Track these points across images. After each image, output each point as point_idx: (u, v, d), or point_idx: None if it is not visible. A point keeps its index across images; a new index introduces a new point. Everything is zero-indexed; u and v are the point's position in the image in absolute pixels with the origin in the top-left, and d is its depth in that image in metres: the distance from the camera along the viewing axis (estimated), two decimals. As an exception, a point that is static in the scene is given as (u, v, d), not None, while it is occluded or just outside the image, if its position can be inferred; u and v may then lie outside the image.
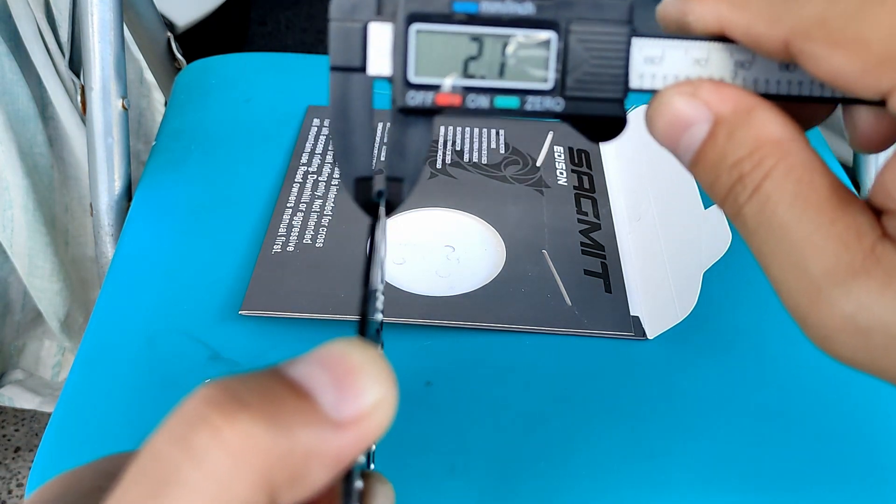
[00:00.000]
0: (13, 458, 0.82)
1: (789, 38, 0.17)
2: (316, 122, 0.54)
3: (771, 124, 0.18)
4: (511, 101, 0.20)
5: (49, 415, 0.78)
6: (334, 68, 0.20)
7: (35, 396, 0.79)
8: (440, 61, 0.20)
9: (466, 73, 0.20)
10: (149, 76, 0.75)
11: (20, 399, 0.79)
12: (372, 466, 0.20)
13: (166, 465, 0.13)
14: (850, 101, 0.20)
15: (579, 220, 0.47)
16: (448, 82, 0.20)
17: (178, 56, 0.62)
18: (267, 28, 1.38)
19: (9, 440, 0.83)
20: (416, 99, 0.20)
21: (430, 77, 0.20)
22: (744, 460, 0.36)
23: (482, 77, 0.20)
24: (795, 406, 0.38)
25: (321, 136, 0.53)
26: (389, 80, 0.20)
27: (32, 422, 0.85)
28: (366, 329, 0.17)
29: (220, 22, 1.04)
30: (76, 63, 0.64)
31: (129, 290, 0.43)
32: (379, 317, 0.19)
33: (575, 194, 0.49)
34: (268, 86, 0.57)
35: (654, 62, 0.20)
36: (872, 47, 0.16)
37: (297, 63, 0.60)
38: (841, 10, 0.16)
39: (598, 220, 0.47)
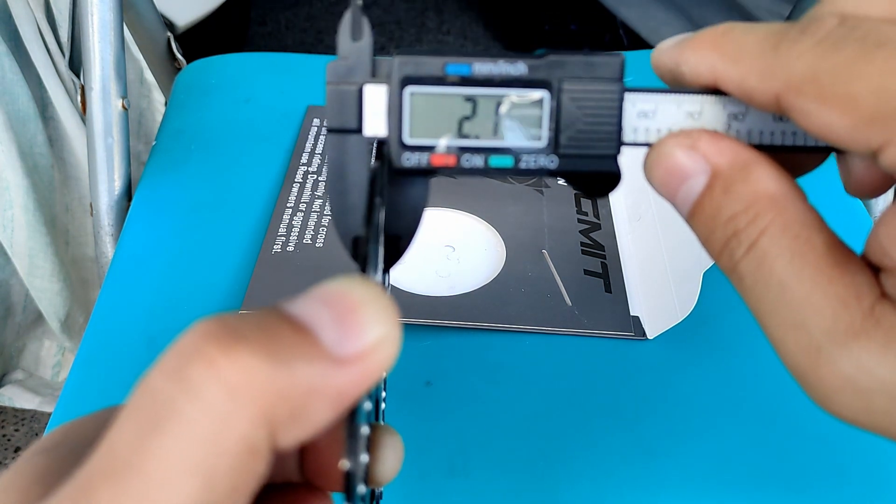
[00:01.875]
0: (13, 458, 0.82)
1: (781, 93, 0.17)
2: (316, 122, 0.54)
3: (767, 179, 0.18)
4: (505, 161, 0.20)
5: (49, 415, 0.78)
6: (331, 130, 0.20)
7: (35, 396, 0.79)
8: (435, 122, 0.20)
9: (461, 134, 0.20)
10: (149, 76, 0.75)
11: (20, 399, 0.79)
12: (383, 405, 0.20)
13: (162, 400, 0.13)
14: (842, 151, 0.20)
15: (579, 220, 0.47)
16: (443, 143, 0.20)
17: (178, 56, 0.62)
18: (267, 28, 1.38)
19: (9, 440, 0.83)
20: (411, 160, 0.20)
21: (425, 138, 0.20)
22: (743, 460, 0.36)
23: (476, 137, 0.20)
24: (795, 406, 0.38)
25: (321, 137, 0.53)
26: (385, 141, 0.20)
27: (32, 422, 0.85)
28: (368, 267, 0.17)
29: (220, 22, 1.04)
30: (76, 63, 0.64)
31: (129, 290, 0.43)
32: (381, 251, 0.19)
33: (575, 194, 0.49)
34: (268, 86, 0.57)
35: (647, 116, 0.20)
36: (861, 104, 0.16)
37: (297, 63, 0.60)
38: (831, 66, 0.16)
39: (598, 220, 0.47)
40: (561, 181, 0.50)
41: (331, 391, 0.13)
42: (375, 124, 0.20)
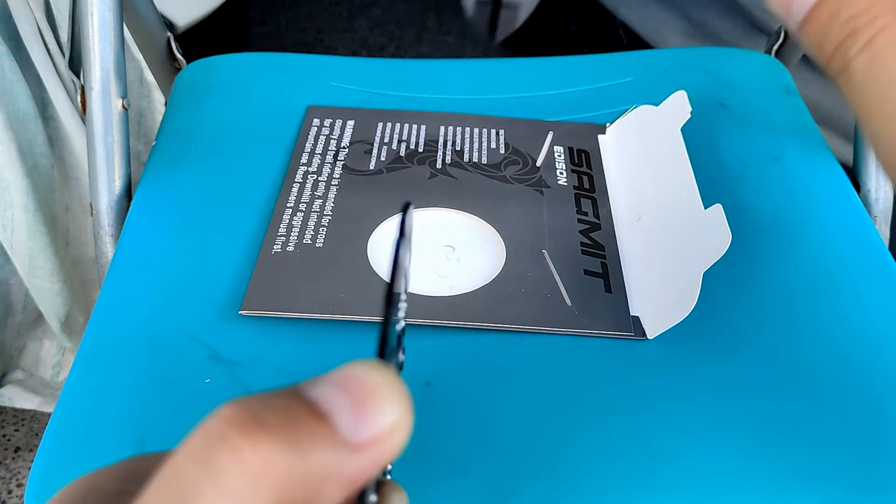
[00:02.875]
0: (13, 458, 0.82)
1: None
2: (316, 122, 0.54)
3: None
4: None
5: (49, 415, 0.78)
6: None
7: (35, 396, 0.80)
8: None
9: None
10: (149, 76, 0.75)
11: (20, 399, 0.79)
12: (388, 476, 0.20)
13: (187, 481, 0.13)
14: None
15: (579, 220, 0.47)
16: None
17: (178, 56, 0.62)
18: (267, 28, 1.38)
19: (9, 440, 0.83)
20: None
21: None
22: (744, 460, 0.36)
23: None
24: (795, 406, 0.38)
25: (321, 136, 0.53)
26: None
27: (32, 422, 0.85)
28: (385, 349, 0.17)
29: (220, 22, 1.04)
30: (76, 63, 0.64)
31: (129, 291, 0.43)
32: (402, 324, 0.19)
33: (575, 194, 0.49)
34: (268, 86, 0.57)
35: None
36: None
37: (297, 63, 0.60)
38: None
39: (598, 220, 0.47)
40: (562, 181, 0.50)
41: (344, 476, 0.14)
42: None
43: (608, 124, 0.54)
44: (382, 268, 0.44)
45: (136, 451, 0.35)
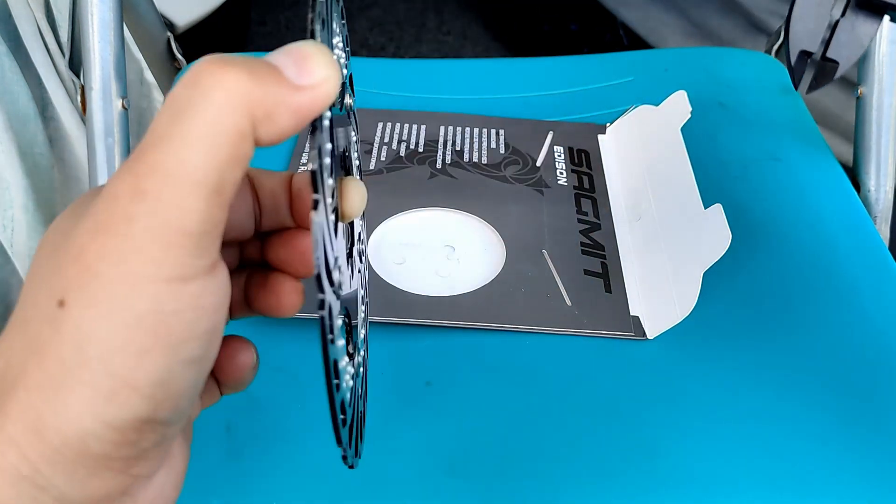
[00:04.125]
0: (13, 458, 0.82)
1: None
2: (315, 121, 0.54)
3: None
4: None
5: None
6: None
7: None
8: None
9: None
10: (149, 76, 0.75)
11: None
12: (361, 353, 0.23)
13: (183, 99, 0.19)
14: None
15: (579, 220, 0.47)
16: None
17: (178, 56, 0.62)
18: (267, 28, 1.38)
19: (9, 440, 0.83)
20: None
21: None
22: (743, 460, 0.36)
23: None
24: (795, 406, 0.38)
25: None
26: None
27: (33, 422, 0.85)
28: (315, 31, 0.21)
29: (220, 22, 1.04)
30: (76, 63, 0.64)
31: (129, 290, 0.43)
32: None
33: (575, 194, 0.49)
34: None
35: None
36: None
37: (297, 63, 0.60)
38: None
39: (598, 220, 0.47)
40: (562, 181, 0.50)
41: (291, 105, 0.20)
42: None
43: (608, 124, 0.54)
44: (383, 269, 0.44)
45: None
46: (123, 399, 0.18)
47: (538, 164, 0.51)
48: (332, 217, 0.22)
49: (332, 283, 0.21)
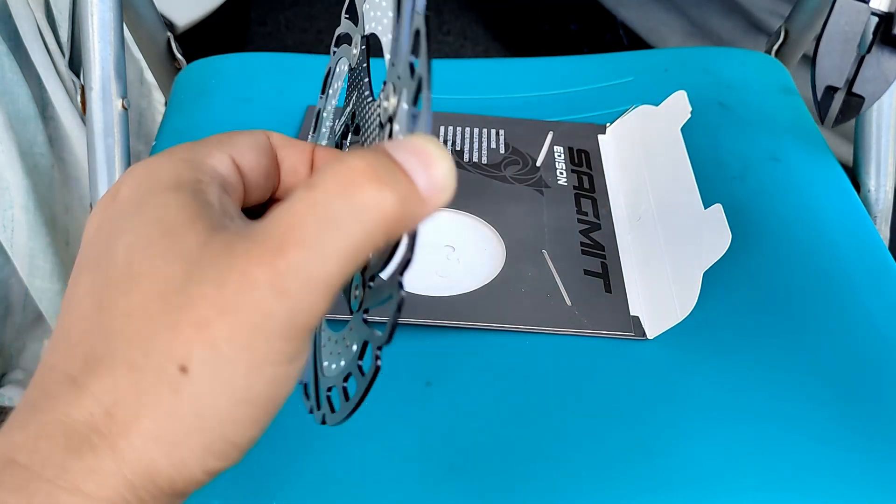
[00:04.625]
0: (13, 458, 0.82)
1: None
2: None
3: None
4: None
5: (49, 415, 0.78)
6: None
7: (35, 396, 0.79)
8: None
9: None
10: (149, 76, 0.75)
11: (20, 399, 0.79)
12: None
13: (335, 210, 0.20)
14: None
15: (579, 220, 0.47)
16: None
17: (178, 56, 0.62)
18: (267, 28, 1.38)
19: (9, 440, 0.83)
20: None
21: None
22: (743, 460, 0.36)
23: None
24: (794, 406, 0.38)
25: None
26: (885, 15, 0.22)
27: (33, 422, 0.85)
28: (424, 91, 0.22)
29: (220, 22, 1.04)
30: (76, 63, 0.64)
31: (129, 290, 0.43)
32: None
33: (575, 194, 0.49)
34: (268, 86, 0.57)
35: None
36: None
37: (297, 63, 0.60)
38: None
39: (598, 220, 0.47)
40: (562, 181, 0.50)
41: (417, 218, 0.22)
42: (881, 0, 0.22)
43: (608, 124, 0.54)
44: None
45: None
46: (229, 456, 0.21)
47: (538, 164, 0.51)
48: None
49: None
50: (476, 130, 0.54)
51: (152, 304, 0.21)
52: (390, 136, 0.24)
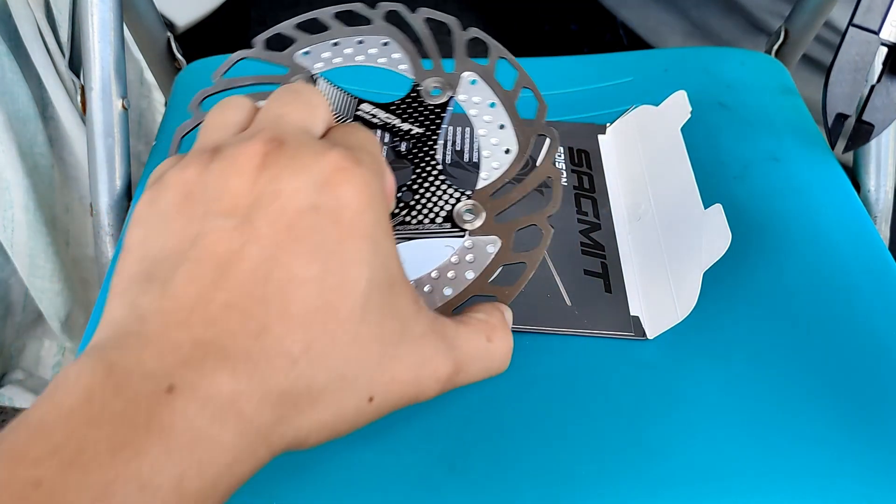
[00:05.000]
0: (13, 458, 0.82)
1: None
2: None
3: None
4: None
5: (49, 415, 0.78)
6: (854, 25, 0.23)
7: (35, 396, 0.79)
8: None
9: None
10: (149, 76, 0.75)
11: (20, 399, 0.79)
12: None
13: (482, 350, 0.31)
14: None
15: (579, 221, 0.47)
16: None
17: (178, 56, 0.62)
18: (267, 28, 1.37)
19: (9, 440, 0.83)
20: None
21: None
22: (743, 461, 0.36)
23: None
24: (795, 406, 0.38)
25: None
26: (895, 46, 0.22)
27: (33, 422, 0.85)
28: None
29: (220, 22, 1.04)
30: (76, 63, 0.64)
31: (129, 290, 0.43)
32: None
33: (575, 194, 0.49)
34: (268, 86, 0.57)
35: None
36: None
37: (297, 63, 0.60)
38: None
39: (598, 220, 0.47)
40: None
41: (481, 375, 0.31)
42: (892, 31, 0.23)
43: (608, 124, 0.54)
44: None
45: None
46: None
47: (538, 164, 0.51)
48: None
49: None
50: (476, 130, 0.54)
51: (374, 344, 0.26)
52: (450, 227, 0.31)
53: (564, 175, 0.51)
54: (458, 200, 0.29)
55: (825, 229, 0.47)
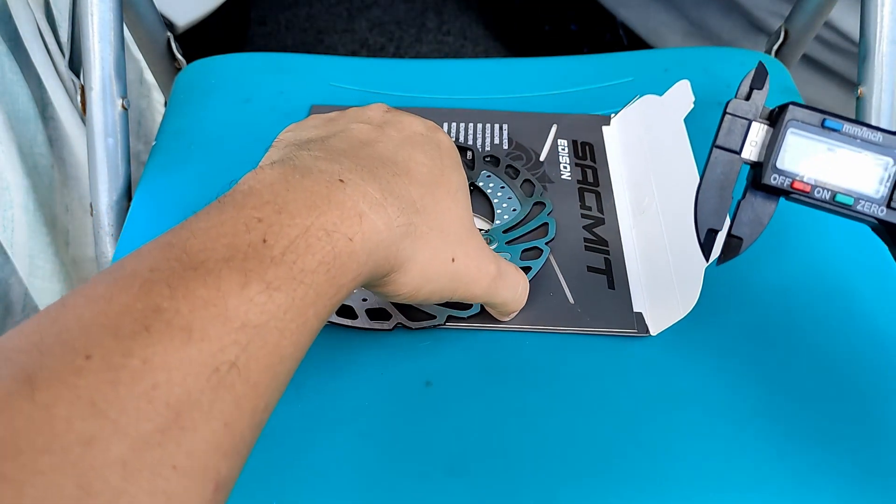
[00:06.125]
0: (13, 459, 0.82)
1: None
2: None
3: None
4: (847, 199, 0.27)
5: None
6: (718, 147, 0.27)
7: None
8: (801, 159, 0.26)
9: (818, 172, 0.26)
10: (149, 76, 0.75)
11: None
12: None
13: (516, 281, 0.40)
14: None
15: (583, 216, 0.47)
16: (804, 175, 0.26)
17: (178, 56, 0.62)
18: (267, 28, 1.38)
19: (9, 440, 0.83)
20: (777, 180, 0.27)
21: (791, 168, 0.27)
22: (746, 458, 0.36)
23: (828, 178, 0.26)
24: (797, 403, 0.38)
25: None
26: (755, 164, 0.27)
27: (33, 422, 0.85)
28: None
29: (220, 22, 1.04)
30: (76, 63, 0.64)
31: (129, 290, 0.43)
32: None
33: (579, 188, 0.49)
34: (268, 86, 0.57)
35: None
36: None
37: (297, 63, 0.60)
38: None
39: (602, 214, 0.47)
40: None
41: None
42: (751, 151, 0.27)
43: (612, 115, 0.54)
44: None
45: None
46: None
47: (542, 158, 0.51)
48: None
49: None
50: (480, 126, 0.54)
51: (460, 221, 0.35)
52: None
53: (568, 170, 0.50)
54: (480, 230, 0.39)
55: (826, 228, 0.47)
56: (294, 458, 0.35)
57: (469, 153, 0.51)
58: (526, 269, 0.42)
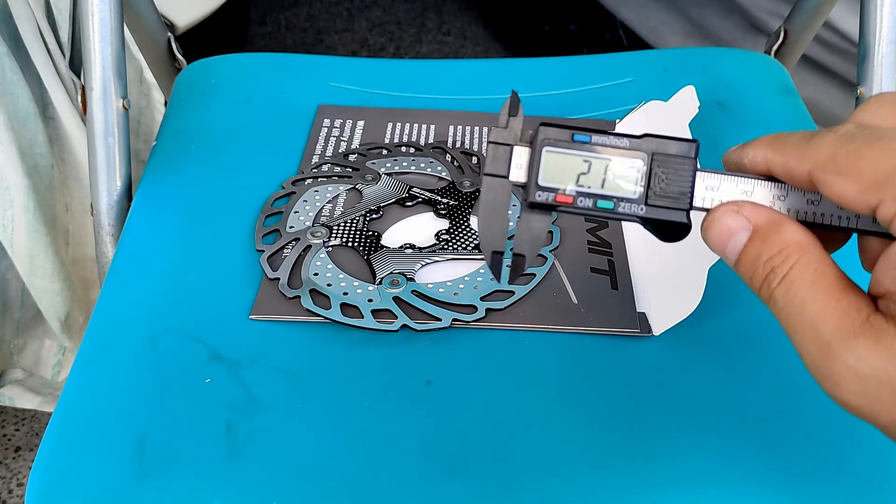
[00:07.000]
0: (13, 458, 0.82)
1: (812, 171, 0.25)
2: (326, 122, 0.54)
3: (794, 232, 0.26)
4: (608, 204, 0.28)
5: (50, 414, 0.78)
6: (487, 174, 0.29)
7: (35, 396, 0.79)
8: (560, 174, 0.28)
9: (578, 184, 0.28)
10: (149, 76, 0.75)
11: (20, 399, 0.79)
12: None
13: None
14: (861, 232, 0.27)
15: (586, 219, 0.47)
16: (565, 188, 0.28)
17: (178, 56, 0.62)
18: (267, 28, 1.38)
19: (9, 440, 0.83)
20: (542, 197, 0.28)
21: (553, 183, 0.28)
22: (749, 457, 0.36)
23: (588, 187, 0.28)
24: (799, 403, 0.38)
25: (332, 138, 0.53)
26: (524, 185, 0.28)
27: (33, 421, 0.85)
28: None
29: (220, 22, 1.04)
30: (76, 63, 0.64)
31: (129, 291, 0.43)
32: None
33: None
34: (268, 86, 0.57)
35: (713, 189, 0.28)
36: (864, 175, 0.23)
37: (297, 63, 0.60)
38: (845, 150, 0.24)
39: (603, 218, 0.47)
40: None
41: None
42: (518, 173, 0.28)
43: (617, 121, 0.54)
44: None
45: (136, 451, 0.35)
46: None
47: None
48: None
49: None
50: (485, 129, 0.54)
51: None
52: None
53: None
54: None
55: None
56: (294, 458, 0.36)
57: (475, 159, 0.51)
58: (530, 277, 0.43)
